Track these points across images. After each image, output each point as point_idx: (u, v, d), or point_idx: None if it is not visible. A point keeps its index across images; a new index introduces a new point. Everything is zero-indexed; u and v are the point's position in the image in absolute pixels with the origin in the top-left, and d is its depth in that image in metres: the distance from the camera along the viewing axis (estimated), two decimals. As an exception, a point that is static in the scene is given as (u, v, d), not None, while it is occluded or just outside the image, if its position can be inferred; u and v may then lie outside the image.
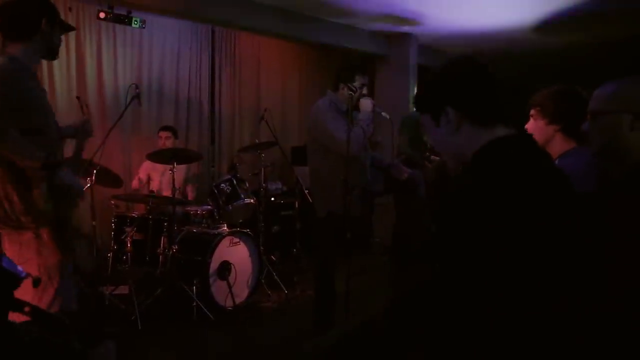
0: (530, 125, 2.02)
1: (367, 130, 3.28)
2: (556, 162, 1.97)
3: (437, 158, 5.13)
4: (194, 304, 3.75)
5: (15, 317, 1.26)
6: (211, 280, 3.84)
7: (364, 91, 3.38)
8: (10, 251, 2.08)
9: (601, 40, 6.42)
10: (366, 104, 3.28)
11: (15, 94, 1.97)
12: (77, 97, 2.73)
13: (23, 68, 2.05)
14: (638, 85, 1.39)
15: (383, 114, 3.47)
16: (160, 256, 4.08)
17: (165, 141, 4.70)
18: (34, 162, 2.00)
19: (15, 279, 1.26)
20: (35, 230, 2.06)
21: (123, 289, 3.95)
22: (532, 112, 2.02)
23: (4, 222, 2.06)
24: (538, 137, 1.99)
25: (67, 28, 2.31)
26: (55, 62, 4.48)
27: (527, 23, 5.70)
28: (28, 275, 1.31)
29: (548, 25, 5.79)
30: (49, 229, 2.07)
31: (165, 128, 4.83)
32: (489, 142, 1.13)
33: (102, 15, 4.26)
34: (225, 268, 3.94)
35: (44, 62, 4.43)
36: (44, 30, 2.09)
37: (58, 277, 2.16)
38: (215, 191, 4.34)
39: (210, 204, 4.43)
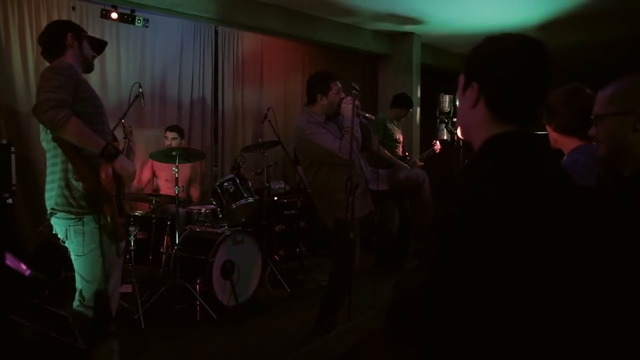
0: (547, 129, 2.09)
1: (357, 135, 3.25)
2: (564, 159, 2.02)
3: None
4: (197, 303, 3.76)
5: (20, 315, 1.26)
6: (214, 279, 3.84)
7: (342, 95, 3.36)
8: (75, 242, 2.25)
9: (606, 39, 6.40)
10: (347, 108, 3.26)
11: (74, 83, 2.22)
12: (121, 120, 3.01)
13: (73, 66, 2.31)
14: (635, 85, 1.38)
15: (367, 115, 3.46)
16: (164, 255, 4.09)
17: (172, 142, 4.71)
18: (94, 147, 2.19)
19: (19, 277, 1.26)
20: (96, 216, 2.23)
21: (126, 288, 3.95)
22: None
23: (65, 210, 2.23)
24: (550, 138, 2.06)
25: (99, 43, 2.55)
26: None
27: (531, 22, 5.68)
28: (32, 273, 1.32)
29: (552, 25, 5.77)
30: (112, 213, 2.22)
31: (172, 128, 4.82)
32: (498, 135, 1.08)
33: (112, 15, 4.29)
34: (228, 267, 3.94)
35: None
36: (71, 45, 2.36)
37: (119, 267, 2.36)
38: (219, 190, 4.35)
39: (213, 203, 4.43)
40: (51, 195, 2.29)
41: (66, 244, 2.34)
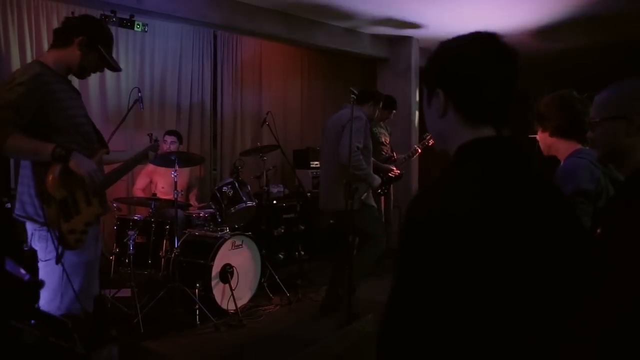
0: (539, 135, 2.11)
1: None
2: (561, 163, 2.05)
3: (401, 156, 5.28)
4: (196, 307, 3.76)
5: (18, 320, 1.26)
6: (213, 283, 3.85)
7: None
8: (38, 247, 2.19)
9: (602, 43, 6.42)
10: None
11: (36, 94, 2.08)
12: (149, 135, 3.15)
13: (49, 72, 2.18)
14: (628, 90, 1.40)
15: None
16: (163, 259, 4.09)
17: (170, 146, 4.71)
18: (42, 155, 2.08)
19: (18, 282, 1.26)
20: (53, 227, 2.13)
21: (125, 292, 3.96)
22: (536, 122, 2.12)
23: (34, 219, 2.18)
24: (542, 144, 2.09)
25: (109, 64, 2.36)
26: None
27: (528, 27, 5.71)
28: (31, 278, 1.32)
29: (549, 29, 5.79)
30: (51, 217, 2.11)
31: (170, 132, 4.84)
32: (470, 142, 1.03)
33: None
34: (227, 271, 3.94)
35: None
36: (75, 47, 2.23)
37: (81, 276, 2.23)
38: (217, 194, 4.35)
39: (213, 207, 4.43)
40: (21, 201, 2.21)
41: (33, 247, 2.25)
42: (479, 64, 1.02)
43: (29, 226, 2.23)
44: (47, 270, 2.18)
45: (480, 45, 1.04)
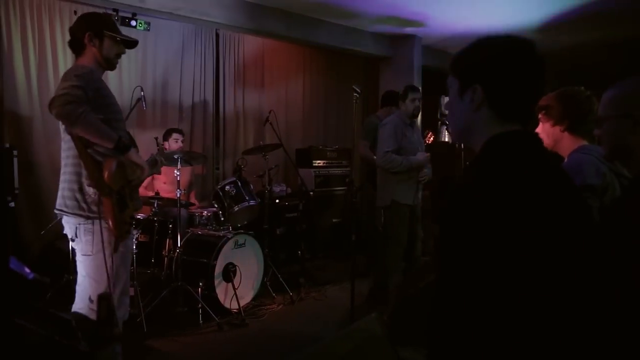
0: (539, 129, 2.11)
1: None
2: (565, 160, 2.05)
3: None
4: (199, 306, 3.76)
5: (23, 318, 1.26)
6: (216, 282, 3.85)
7: (416, 104, 4.14)
8: (84, 240, 2.27)
9: (605, 41, 6.40)
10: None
11: (93, 88, 2.23)
12: (156, 138, 3.06)
13: (94, 71, 2.34)
14: (633, 88, 1.40)
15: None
16: (165, 258, 4.09)
17: (181, 143, 4.71)
18: (108, 141, 2.20)
19: (23, 281, 1.26)
20: (105, 219, 2.24)
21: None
22: (539, 115, 2.11)
23: (76, 213, 2.25)
24: (547, 138, 2.09)
25: (125, 41, 2.51)
26: (60, 63, 4.51)
27: (531, 24, 5.69)
28: (35, 276, 1.32)
29: (552, 26, 5.77)
30: (110, 208, 2.20)
31: (178, 130, 4.83)
32: (498, 135, 1.09)
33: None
34: (230, 270, 3.94)
35: (50, 63, 4.47)
36: (89, 45, 2.36)
37: (127, 266, 2.37)
38: (220, 193, 4.35)
39: (215, 205, 4.43)
40: (62, 196, 2.29)
41: (74, 243, 2.33)
42: (522, 67, 1.10)
43: (71, 220, 2.29)
44: (97, 263, 2.24)
45: (522, 49, 1.11)
